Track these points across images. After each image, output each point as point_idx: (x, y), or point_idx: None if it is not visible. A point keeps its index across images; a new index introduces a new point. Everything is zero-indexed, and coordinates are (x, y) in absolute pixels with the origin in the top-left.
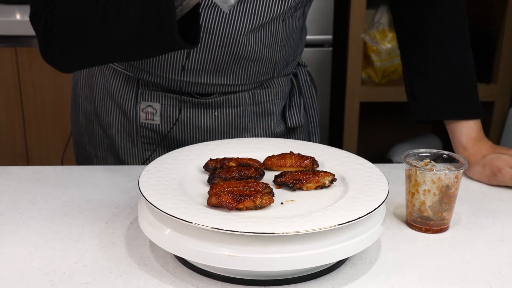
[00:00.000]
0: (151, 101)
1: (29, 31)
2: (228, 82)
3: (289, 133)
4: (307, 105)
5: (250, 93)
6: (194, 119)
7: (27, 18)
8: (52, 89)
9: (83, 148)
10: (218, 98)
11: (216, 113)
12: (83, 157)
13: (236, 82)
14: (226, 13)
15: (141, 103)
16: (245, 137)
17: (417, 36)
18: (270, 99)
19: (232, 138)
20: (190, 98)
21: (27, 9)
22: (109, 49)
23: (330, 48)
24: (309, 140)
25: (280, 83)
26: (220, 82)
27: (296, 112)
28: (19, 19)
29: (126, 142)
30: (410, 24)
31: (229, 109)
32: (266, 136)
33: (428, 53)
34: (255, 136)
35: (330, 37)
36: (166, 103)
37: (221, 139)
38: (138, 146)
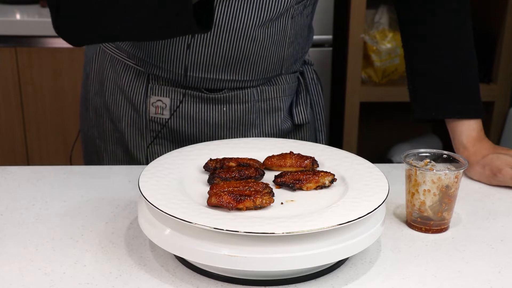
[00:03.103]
0: (160, 95)
1: (29, 31)
2: (236, 78)
3: (295, 130)
4: (314, 102)
5: (258, 90)
6: (202, 114)
7: (27, 18)
8: (52, 89)
9: (93, 143)
10: (227, 94)
11: (224, 109)
12: (92, 152)
13: (244, 78)
14: (235, 7)
15: (151, 97)
16: (252, 132)
17: (420, 35)
18: (278, 96)
19: (240, 133)
20: (199, 93)
21: (27, 9)
22: (119, 23)
23: (330, 48)
24: (315, 138)
25: (288, 80)
26: (228, 78)
27: (302, 109)
28: (19, 19)
29: (135, 136)
30: (414, 22)
31: (237, 105)
32: (273, 132)
33: (431, 52)
34: (263, 132)
35: (330, 37)
36: (175, 97)
37: (229, 134)
38: (148, 140)
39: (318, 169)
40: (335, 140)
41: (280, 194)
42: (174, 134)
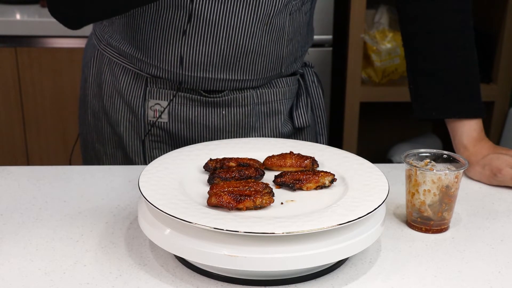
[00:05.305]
0: (159, 99)
1: (29, 31)
2: (235, 78)
3: (296, 133)
4: (314, 105)
5: (258, 93)
6: (202, 118)
7: (27, 18)
8: (52, 89)
9: (92, 146)
10: (226, 97)
11: (224, 112)
12: (92, 155)
13: (243, 78)
14: (233, 3)
15: (149, 101)
16: (252, 136)
17: (421, 34)
18: (278, 99)
19: (239, 137)
20: (198, 97)
21: (27, 9)
22: None
23: (330, 48)
24: (316, 141)
25: (288, 82)
26: (227, 77)
27: (303, 112)
28: (19, 19)
29: (134, 140)
30: (414, 21)
31: (237, 109)
32: (274, 136)
33: (432, 51)
34: (263, 136)
35: (330, 37)
36: (174, 101)
37: (228, 138)
38: (146, 144)
39: (318, 169)
40: (335, 140)
41: (280, 194)
42: (173, 138)
